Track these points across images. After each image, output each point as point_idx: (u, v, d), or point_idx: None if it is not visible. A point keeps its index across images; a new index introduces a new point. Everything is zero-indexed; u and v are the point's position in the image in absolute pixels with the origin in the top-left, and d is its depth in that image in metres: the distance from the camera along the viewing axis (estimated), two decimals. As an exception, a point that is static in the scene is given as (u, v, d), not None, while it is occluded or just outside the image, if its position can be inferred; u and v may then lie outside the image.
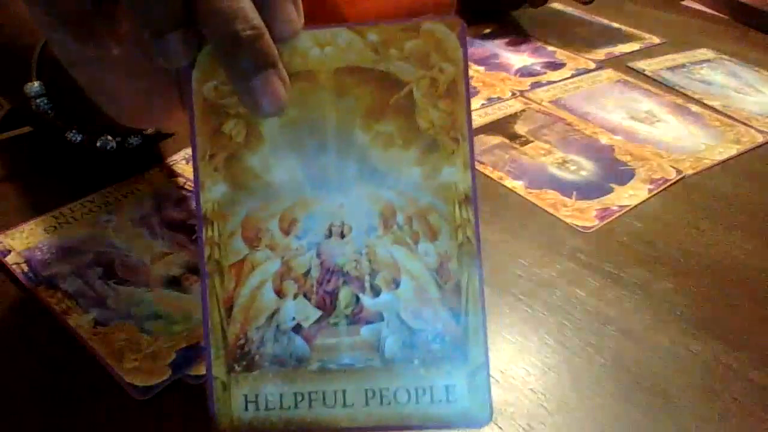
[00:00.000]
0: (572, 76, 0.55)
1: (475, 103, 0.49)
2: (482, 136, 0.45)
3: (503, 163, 0.42)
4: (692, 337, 0.29)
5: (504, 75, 0.54)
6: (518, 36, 0.63)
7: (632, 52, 0.61)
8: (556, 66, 0.56)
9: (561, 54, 0.59)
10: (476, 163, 0.41)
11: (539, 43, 0.61)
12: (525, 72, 0.55)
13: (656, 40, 0.64)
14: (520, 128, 0.46)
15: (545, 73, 0.55)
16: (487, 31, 0.64)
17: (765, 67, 0.58)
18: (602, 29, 0.66)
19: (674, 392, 0.27)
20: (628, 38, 0.64)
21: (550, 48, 0.60)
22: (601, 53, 0.60)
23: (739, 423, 0.25)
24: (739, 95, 0.53)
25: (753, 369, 0.28)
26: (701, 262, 0.34)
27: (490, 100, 0.50)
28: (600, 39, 0.63)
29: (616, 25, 0.67)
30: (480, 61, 0.56)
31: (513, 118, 0.47)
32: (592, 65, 0.57)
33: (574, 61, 0.58)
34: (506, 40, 0.62)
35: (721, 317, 0.30)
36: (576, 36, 0.64)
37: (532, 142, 0.44)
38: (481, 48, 0.59)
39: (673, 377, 0.27)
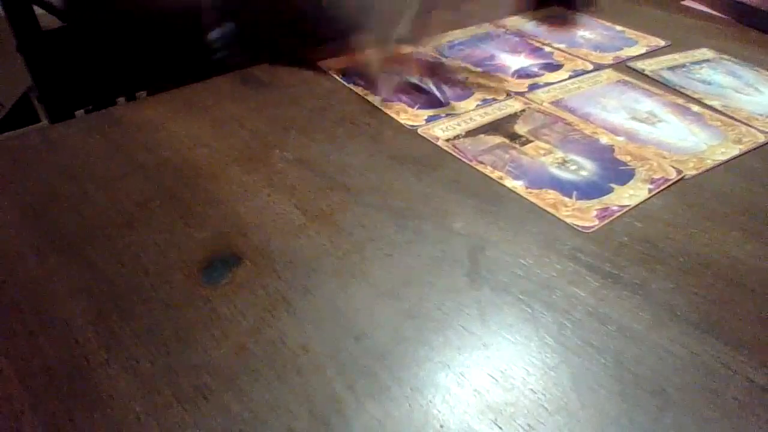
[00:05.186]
0: (569, 78, 0.55)
1: (472, 103, 0.49)
2: (482, 136, 0.45)
3: (503, 163, 0.42)
4: (692, 337, 0.29)
5: (501, 76, 0.54)
6: (516, 37, 0.63)
7: (639, 55, 0.60)
8: (553, 67, 0.56)
9: (559, 55, 0.59)
10: (476, 162, 0.41)
11: (537, 44, 0.61)
12: (522, 73, 0.55)
13: (661, 42, 0.64)
14: (520, 128, 0.46)
15: (543, 74, 0.55)
16: (483, 31, 0.64)
17: (765, 67, 0.58)
18: (607, 32, 0.66)
19: (674, 392, 0.27)
20: (633, 41, 0.64)
21: (548, 49, 0.60)
22: (608, 57, 0.59)
23: (739, 423, 0.25)
24: (739, 95, 0.53)
25: (753, 369, 0.28)
26: (701, 262, 0.34)
27: (485, 101, 0.50)
28: (606, 42, 0.63)
29: (619, 27, 0.67)
30: (477, 63, 0.57)
31: (513, 118, 0.47)
32: (590, 66, 0.57)
33: (571, 62, 0.58)
34: (504, 40, 0.62)
35: (721, 317, 0.30)
36: (582, 39, 0.63)
37: (532, 142, 0.44)
38: (478, 50, 0.59)
39: (673, 377, 0.27)
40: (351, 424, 0.25)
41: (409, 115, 0.47)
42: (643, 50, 0.62)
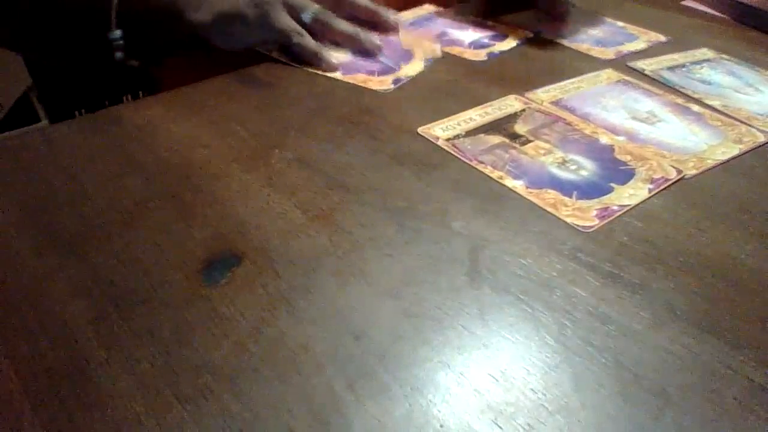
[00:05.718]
0: (517, 45, 0.61)
1: (418, 65, 0.53)
2: (482, 136, 0.45)
3: (503, 163, 0.42)
4: (692, 337, 0.29)
5: (459, 49, 0.59)
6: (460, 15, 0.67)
7: (638, 52, 0.61)
8: (500, 38, 0.62)
9: (502, 29, 0.64)
10: (476, 162, 0.41)
11: (479, 20, 0.66)
12: (477, 44, 0.60)
13: (662, 38, 0.64)
14: (520, 128, 0.46)
15: (494, 44, 0.61)
16: (427, 12, 0.68)
17: (765, 67, 0.58)
18: (609, 28, 0.67)
19: (674, 392, 0.27)
20: (634, 36, 0.65)
21: (489, 22, 0.66)
22: (610, 52, 0.60)
23: (739, 423, 0.25)
24: (739, 95, 0.53)
25: (753, 369, 0.28)
26: (701, 262, 0.34)
27: (427, 60, 0.56)
28: (607, 38, 0.64)
29: (620, 23, 0.68)
30: (435, 39, 0.61)
31: (513, 118, 0.47)
32: (531, 34, 0.63)
33: (513, 33, 0.63)
34: (448, 20, 0.66)
35: (721, 317, 0.30)
36: (585, 35, 0.64)
37: (532, 141, 0.44)
38: (429, 28, 0.64)
39: (673, 377, 0.27)
40: (351, 424, 0.25)
41: (374, 82, 0.52)
42: (643, 45, 0.62)
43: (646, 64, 0.57)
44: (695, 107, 0.50)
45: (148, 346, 0.28)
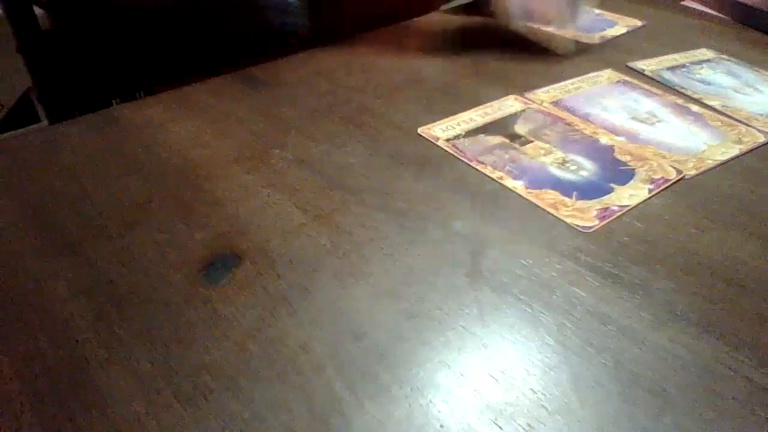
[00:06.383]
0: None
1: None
2: (482, 136, 0.45)
3: (503, 163, 0.42)
4: (692, 337, 0.29)
5: None
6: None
7: (620, 35, 0.65)
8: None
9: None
10: (476, 163, 0.41)
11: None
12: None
13: (638, 23, 0.68)
14: (520, 128, 0.46)
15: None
16: None
17: (765, 67, 0.58)
18: (588, 15, 0.70)
19: (674, 392, 0.27)
20: (613, 22, 0.69)
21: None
22: (595, 37, 0.64)
23: (739, 423, 0.25)
24: (739, 95, 0.53)
25: (753, 369, 0.28)
26: (701, 262, 0.34)
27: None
28: (590, 24, 0.67)
29: (597, 11, 0.72)
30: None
31: (513, 118, 0.47)
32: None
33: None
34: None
35: (721, 317, 0.30)
36: (570, 22, 0.67)
37: (532, 142, 0.44)
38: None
39: (673, 377, 0.27)
40: (351, 424, 0.25)
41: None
42: (623, 30, 0.67)
43: (645, 65, 0.57)
44: (695, 107, 0.50)
45: (148, 346, 0.28)
